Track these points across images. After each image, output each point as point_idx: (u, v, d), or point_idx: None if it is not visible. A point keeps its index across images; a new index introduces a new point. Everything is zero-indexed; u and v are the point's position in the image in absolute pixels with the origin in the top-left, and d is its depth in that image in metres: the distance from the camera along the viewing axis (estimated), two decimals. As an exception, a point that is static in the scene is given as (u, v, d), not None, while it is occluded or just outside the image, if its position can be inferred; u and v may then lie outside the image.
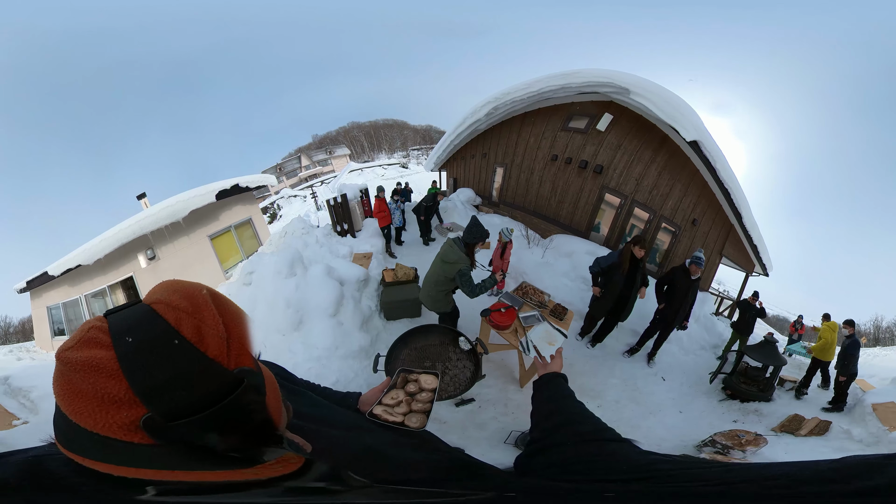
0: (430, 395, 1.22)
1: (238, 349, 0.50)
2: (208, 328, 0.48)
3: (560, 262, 6.00)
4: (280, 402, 0.58)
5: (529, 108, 7.71)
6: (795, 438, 3.73)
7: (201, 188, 7.77)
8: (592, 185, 6.84)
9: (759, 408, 4.29)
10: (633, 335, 5.04)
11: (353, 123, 12.20)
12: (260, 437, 0.50)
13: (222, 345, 0.48)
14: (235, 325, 0.52)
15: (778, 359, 4.59)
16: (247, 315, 0.56)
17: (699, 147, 5.73)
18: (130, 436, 0.44)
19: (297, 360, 3.72)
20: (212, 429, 0.45)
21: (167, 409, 0.43)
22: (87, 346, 0.45)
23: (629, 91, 5.53)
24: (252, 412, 0.48)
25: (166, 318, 0.47)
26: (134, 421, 0.43)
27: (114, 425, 0.43)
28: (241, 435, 0.47)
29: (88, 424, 0.44)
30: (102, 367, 0.43)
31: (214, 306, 0.51)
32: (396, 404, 1.15)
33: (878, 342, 7.89)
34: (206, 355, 0.46)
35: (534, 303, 3.88)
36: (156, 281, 0.55)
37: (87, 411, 0.43)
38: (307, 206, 9.06)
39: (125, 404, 0.43)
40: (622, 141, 6.39)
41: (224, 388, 0.46)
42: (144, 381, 0.43)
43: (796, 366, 6.60)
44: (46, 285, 7.48)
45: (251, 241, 8.98)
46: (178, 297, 0.50)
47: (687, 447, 3.33)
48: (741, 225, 7.24)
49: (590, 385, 3.95)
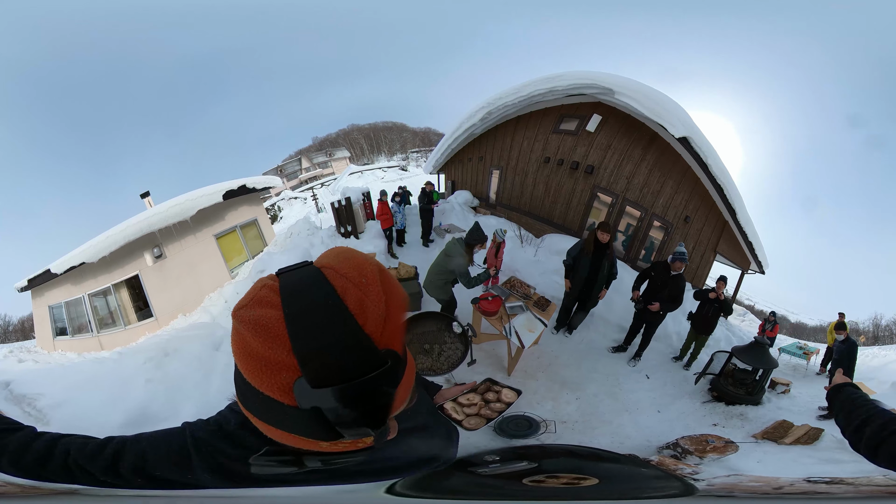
0: (502, 407, 1.36)
1: (392, 331, 0.49)
2: (371, 303, 0.48)
3: (550, 260, 6.13)
4: (409, 393, 0.57)
5: (521, 112, 7.88)
6: (777, 447, 3.57)
7: (208, 188, 7.80)
8: (584, 185, 6.97)
9: (745, 412, 4.21)
10: (620, 331, 5.12)
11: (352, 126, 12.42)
12: (371, 419, 0.48)
13: (379, 323, 0.48)
14: (395, 307, 0.52)
15: (768, 361, 4.49)
16: (408, 300, 0.56)
17: (689, 143, 5.83)
18: (283, 396, 0.45)
19: None
20: (340, 400, 0.44)
21: (316, 374, 0.43)
22: (259, 305, 0.47)
23: (613, 91, 5.67)
24: (379, 395, 0.47)
25: (334, 284, 0.47)
26: (289, 383, 0.44)
27: (275, 386, 0.44)
28: (359, 413, 0.46)
29: (256, 383, 0.45)
30: (271, 327, 0.44)
31: (381, 283, 0.51)
32: (469, 405, 1.31)
33: (877, 340, 7.76)
34: (363, 329, 0.46)
35: (519, 294, 4.05)
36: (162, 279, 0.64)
37: (256, 371, 0.45)
38: (307, 208, 9.28)
39: (285, 366, 0.44)
40: (612, 141, 6.52)
41: (368, 364, 0.45)
42: (304, 345, 0.43)
43: (791, 367, 6.45)
44: (48, 283, 7.35)
45: (256, 241, 9.09)
46: (348, 266, 0.50)
47: (649, 448, 3.30)
48: (735, 221, 7.27)
49: (572, 377, 4.06)
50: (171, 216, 6.94)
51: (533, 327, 3.40)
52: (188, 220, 7.16)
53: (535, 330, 3.38)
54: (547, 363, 4.09)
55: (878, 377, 5.93)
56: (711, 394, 4.43)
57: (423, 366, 2.58)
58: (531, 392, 3.68)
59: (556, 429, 2.89)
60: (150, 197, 7.72)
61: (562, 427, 3.07)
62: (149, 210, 7.20)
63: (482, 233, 3.74)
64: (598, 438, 3.31)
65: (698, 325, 4.82)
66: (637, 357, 4.68)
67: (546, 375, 3.95)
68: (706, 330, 4.80)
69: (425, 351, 2.67)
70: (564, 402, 3.61)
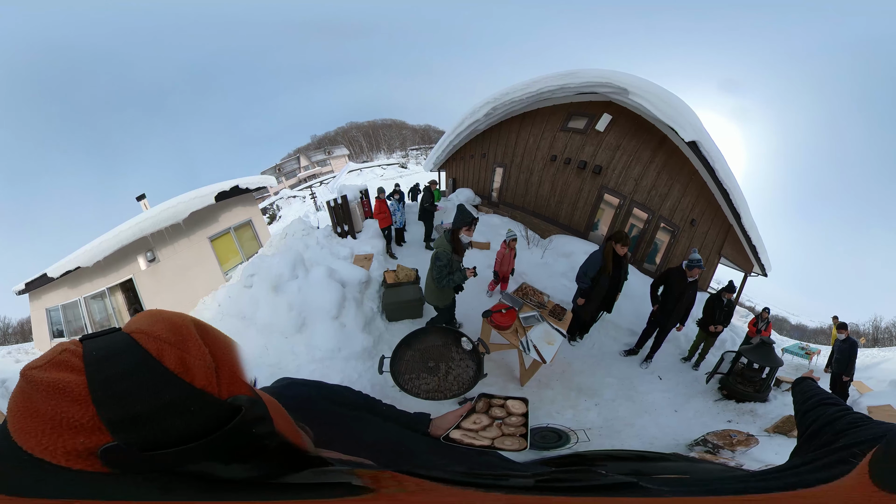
0: (521, 420, 1.21)
1: (229, 378, 0.49)
2: (193, 359, 0.47)
3: (559, 263, 6.03)
4: (292, 426, 0.57)
5: (528, 109, 7.73)
6: (788, 439, 3.74)
7: (201, 190, 7.75)
8: (591, 185, 6.86)
9: (755, 408, 4.31)
10: (630, 335, 5.06)
11: (351, 124, 12.15)
12: (286, 461, 0.48)
13: (210, 375, 0.47)
14: (224, 353, 0.51)
15: (774, 360, 4.59)
16: (237, 344, 0.55)
17: (697, 147, 5.75)
18: (73, 462, 0.42)
19: (300, 362, 3.76)
20: (215, 456, 0.44)
21: (141, 438, 0.42)
22: (56, 368, 0.44)
23: (628, 91, 5.55)
24: (261, 437, 0.47)
25: (147, 348, 0.46)
26: (88, 448, 0.42)
27: (59, 449, 0.42)
28: (257, 461, 0.46)
29: (29, 445, 0.42)
30: (69, 390, 0.42)
31: (200, 336, 0.50)
32: (481, 428, 1.15)
33: (876, 342, 7.90)
34: (193, 385, 0.45)
35: (533, 303, 3.90)
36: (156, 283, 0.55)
37: (36, 431, 0.42)
38: (306, 207, 9.06)
39: (85, 431, 0.42)
40: (621, 141, 6.41)
41: (219, 416, 0.45)
42: (116, 410, 0.41)
43: (794, 367, 6.62)
44: (46, 287, 7.44)
45: (251, 242, 8.97)
46: (160, 328, 0.48)
47: (679, 446, 3.36)
48: (740, 225, 7.26)
49: (587, 383, 3.98)
50: (163, 220, 6.89)
51: (552, 339, 3.23)
52: (181, 223, 7.11)
53: (554, 342, 3.20)
54: (560, 371, 4.00)
55: (876, 376, 6.09)
56: (721, 392, 4.51)
57: (429, 387, 2.29)
58: (548, 402, 3.59)
59: (588, 436, 2.80)
60: (146, 199, 7.62)
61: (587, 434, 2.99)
62: (142, 214, 7.15)
63: (468, 214, 3.32)
64: (627, 441, 3.27)
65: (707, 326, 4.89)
66: (648, 359, 4.64)
67: (560, 384, 3.86)
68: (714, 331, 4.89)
69: (430, 370, 2.36)
70: (584, 410, 3.53)
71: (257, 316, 4.25)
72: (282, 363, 3.78)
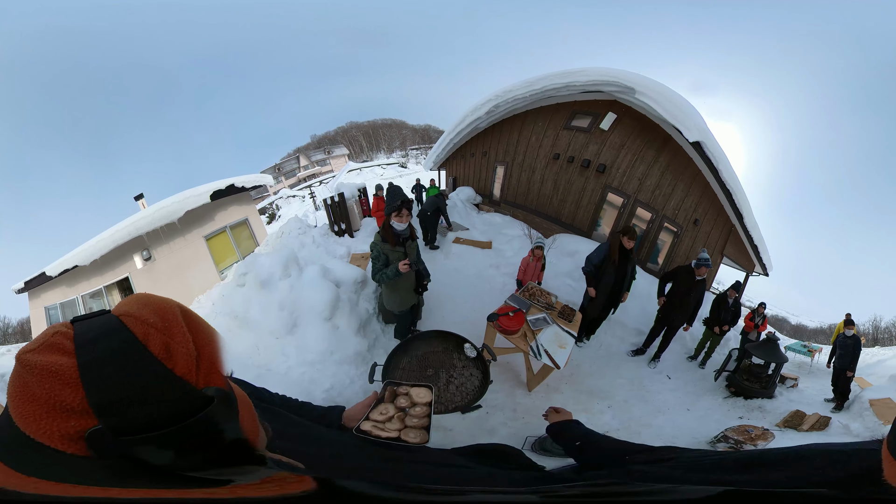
0: (425, 410, 1.12)
1: (208, 368, 0.50)
2: (177, 345, 0.48)
3: (562, 262, 5.97)
4: (256, 423, 0.58)
5: (531, 107, 7.66)
6: (798, 433, 3.81)
7: (197, 188, 7.74)
8: (595, 184, 6.81)
9: (762, 404, 4.34)
10: (637, 335, 5.02)
11: (351, 123, 12.14)
12: (235, 456, 0.49)
13: (191, 363, 0.48)
14: (206, 344, 0.52)
15: (779, 356, 4.64)
16: (219, 335, 0.55)
17: (702, 148, 5.73)
18: (66, 445, 0.43)
19: (291, 364, 3.59)
20: (173, 446, 0.44)
21: (122, 423, 0.42)
22: (49, 351, 0.44)
23: (634, 90, 5.50)
24: (223, 431, 0.47)
25: (134, 331, 0.46)
26: (79, 432, 0.42)
27: (55, 433, 0.42)
28: (209, 454, 0.46)
29: (30, 429, 0.43)
30: (61, 373, 0.42)
31: (185, 324, 0.51)
32: (387, 420, 1.05)
33: (876, 342, 7.95)
34: (174, 372, 0.46)
35: (541, 305, 3.80)
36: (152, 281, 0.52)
37: (34, 416, 0.42)
38: (306, 206, 8.95)
39: (76, 414, 0.42)
40: (625, 140, 6.36)
41: (192, 406, 0.45)
42: (101, 393, 0.42)
43: (797, 364, 6.67)
44: (44, 286, 7.44)
45: (247, 241, 8.91)
46: (148, 312, 0.49)
47: (700, 444, 3.33)
48: (742, 226, 7.26)
49: (598, 385, 3.91)
50: (159, 219, 6.86)
51: (563, 342, 3.12)
52: (176, 222, 7.08)
53: (566, 345, 3.08)
54: (569, 373, 3.91)
55: (877, 372, 6.16)
56: (729, 389, 4.52)
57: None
58: (560, 406, 3.52)
59: None
60: (143, 199, 7.56)
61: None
62: (137, 213, 7.12)
63: (397, 196, 3.02)
64: (649, 441, 3.16)
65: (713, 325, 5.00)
66: (656, 359, 4.62)
67: (570, 387, 3.78)
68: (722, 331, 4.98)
69: (428, 378, 2.14)
70: (598, 412, 3.43)
71: (249, 315, 4.10)
72: (272, 364, 3.60)
